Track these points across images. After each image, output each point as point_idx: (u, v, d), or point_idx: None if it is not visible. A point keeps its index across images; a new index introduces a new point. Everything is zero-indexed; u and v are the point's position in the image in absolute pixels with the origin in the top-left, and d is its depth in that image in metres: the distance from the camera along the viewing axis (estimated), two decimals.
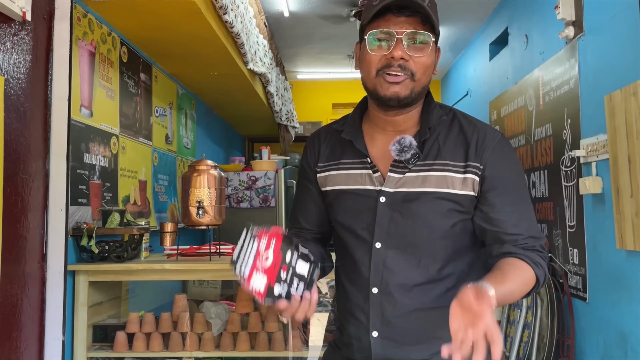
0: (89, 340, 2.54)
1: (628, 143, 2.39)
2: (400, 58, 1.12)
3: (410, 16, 1.12)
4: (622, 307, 2.60)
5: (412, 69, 1.14)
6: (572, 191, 3.14)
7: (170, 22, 2.87)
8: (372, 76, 1.15)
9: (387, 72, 1.13)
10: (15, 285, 1.78)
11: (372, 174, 1.20)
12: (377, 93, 1.15)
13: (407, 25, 1.12)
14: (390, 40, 1.13)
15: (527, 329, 3.36)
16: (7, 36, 1.75)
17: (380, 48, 1.14)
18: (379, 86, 1.15)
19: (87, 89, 2.69)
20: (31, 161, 1.88)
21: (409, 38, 1.12)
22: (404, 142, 1.14)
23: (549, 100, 3.49)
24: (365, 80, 1.18)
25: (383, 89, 1.14)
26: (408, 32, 1.12)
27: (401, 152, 1.14)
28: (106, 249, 2.52)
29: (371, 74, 1.15)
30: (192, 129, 4.59)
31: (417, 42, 1.13)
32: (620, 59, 2.58)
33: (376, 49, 1.14)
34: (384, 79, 1.14)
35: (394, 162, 1.18)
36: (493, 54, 4.96)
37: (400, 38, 1.12)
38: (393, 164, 1.18)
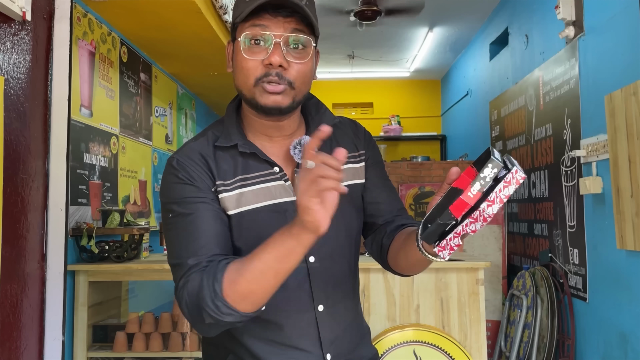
0: (89, 340, 2.54)
1: (628, 143, 2.39)
2: (278, 65, 1.00)
3: (287, 16, 1.01)
4: (622, 307, 2.60)
5: (290, 78, 1.02)
6: (573, 191, 3.13)
7: (170, 22, 2.87)
8: (250, 85, 1.03)
9: (267, 80, 1.01)
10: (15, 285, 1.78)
11: (284, 184, 1.07)
12: (257, 102, 1.03)
13: (285, 26, 1.01)
14: (268, 43, 1.01)
15: (527, 329, 3.36)
16: (7, 36, 1.75)
17: (256, 52, 1.01)
18: (259, 95, 1.03)
19: (87, 89, 2.69)
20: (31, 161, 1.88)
21: (287, 42, 1.01)
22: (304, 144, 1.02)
23: (549, 100, 3.49)
24: (241, 87, 1.05)
25: (263, 98, 1.02)
26: (287, 35, 1.01)
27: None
28: (106, 249, 2.52)
29: (249, 82, 1.03)
30: (192, 129, 4.59)
31: (296, 47, 1.02)
32: (620, 59, 2.58)
33: (251, 54, 1.02)
34: (264, 88, 1.02)
35: (297, 168, 1.08)
36: (493, 54, 4.96)
37: (279, 42, 1.00)
38: (297, 170, 1.08)
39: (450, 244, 0.83)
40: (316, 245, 1.05)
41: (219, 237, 1.01)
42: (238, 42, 1.03)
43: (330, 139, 1.13)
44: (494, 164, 0.76)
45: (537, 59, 3.74)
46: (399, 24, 5.21)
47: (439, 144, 7.36)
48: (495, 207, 0.77)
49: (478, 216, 0.78)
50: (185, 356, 2.57)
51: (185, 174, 1.04)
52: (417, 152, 7.07)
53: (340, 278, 1.12)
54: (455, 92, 6.64)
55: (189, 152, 1.08)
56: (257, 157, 1.08)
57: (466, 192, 0.78)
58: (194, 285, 0.94)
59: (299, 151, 1.06)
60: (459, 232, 0.81)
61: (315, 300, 1.07)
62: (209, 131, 1.13)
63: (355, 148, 1.18)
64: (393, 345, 2.48)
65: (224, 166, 1.07)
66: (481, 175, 0.77)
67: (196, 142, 1.11)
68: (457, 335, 2.60)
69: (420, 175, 5.04)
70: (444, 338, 2.50)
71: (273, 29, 1.00)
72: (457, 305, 2.62)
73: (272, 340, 1.06)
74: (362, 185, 1.17)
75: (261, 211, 1.06)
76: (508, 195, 0.77)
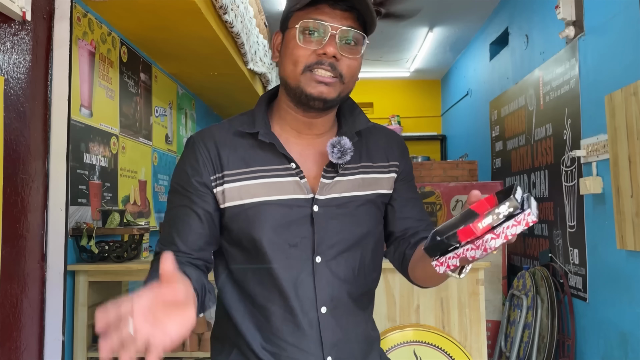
0: (89, 341, 2.54)
1: (628, 143, 2.39)
2: (332, 56, 1.01)
3: (345, 10, 1.02)
4: (623, 307, 2.60)
5: (342, 71, 1.03)
6: (573, 191, 3.13)
7: (170, 22, 2.87)
8: (298, 72, 1.02)
9: (317, 68, 1.02)
10: (15, 285, 1.78)
11: (299, 180, 1.07)
12: (302, 91, 1.03)
13: (342, 20, 1.01)
14: (323, 34, 1.01)
15: (528, 329, 3.36)
16: (7, 36, 1.75)
17: (311, 42, 1.02)
18: (305, 84, 1.02)
19: (87, 89, 2.69)
20: (31, 161, 1.88)
21: (343, 36, 1.02)
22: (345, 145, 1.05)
23: (549, 100, 3.49)
24: (288, 75, 1.05)
25: (310, 87, 1.02)
26: (344, 28, 1.01)
27: (342, 155, 1.05)
28: (106, 249, 2.52)
29: (297, 69, 1.02)
30: (192, 129, 4.59)
31: (350, 42, 1.03)
32: (620, 59, 2.58)
33: (306, 43, 1.02)
34: (312, 76, 1.02)
35: (326, 167, 1.08)
36: (493, 54, 4.96)
37: (335, 34, 1.01)
38: (325, 169, 1.08)
39: (448, 262, 0.85)
40: (324, 246, 1.07)
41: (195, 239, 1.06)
42: (291, 30, 1.04)
43: (362, 143, 1.14)
44: (512, 204, 0.78)
45: (537, 59, 3.74)
46: (399, 24, 5.21)
47: (439, 144, 7.36)
48: (498, 242, 0.79)
49: (480, 245, 0.80)
50: (185, 356, 2.57)
51: (193, 159, 1.08)
52: (417, 152, 7.07)
53: (348, 282, 1.10)
54: (455, 92, 6.64)
55: (207, 137, 1.10)
56: (275, 150, 1.07)
57: (476, 222, 0.79)
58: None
59: (337, 151, 1.05)
60: (458, 254, 0.83)
61: (319, 302, 1.06)
62: (236, 118, 1.14)
63: (386, 158, 1.17)
64: (393, 346, 2.47)
65: (239, 154, 1.08)
66: (496, 210, 0.79)
67: (218, 127, 1.12)
68: (457, 336, 2.60)
69: (420, 175, 5.04)
70: (444, 338, 2.50)
71: (330, 21, 1.01)
72: (457, 305, 2.62)
73: (273, 337, 1.06)
74: (388, 195, 1.16)
75: (267, 204, 1.05)
76: (515, 234, 0.78)
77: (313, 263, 1.07)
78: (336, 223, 1.08)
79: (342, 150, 1.05)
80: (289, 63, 1.04)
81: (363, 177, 1.12)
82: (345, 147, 1.05)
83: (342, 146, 1.05)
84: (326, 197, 1.08)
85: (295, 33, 1.03)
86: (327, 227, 1.07)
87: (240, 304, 1.09)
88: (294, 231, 1.06)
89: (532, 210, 0.78)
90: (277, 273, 1.05)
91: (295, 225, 1.06)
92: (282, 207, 1.06)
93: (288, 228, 1.06)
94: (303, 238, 1.06)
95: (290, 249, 1.06)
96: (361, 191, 1.11)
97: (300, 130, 1.11)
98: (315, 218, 1.06)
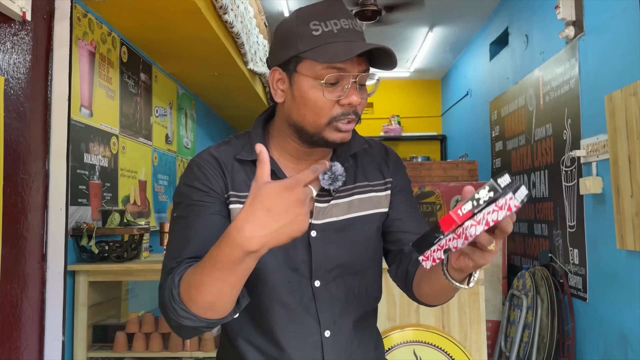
0: (89, 341, 2.54)
1: (628, 143, 2.39)
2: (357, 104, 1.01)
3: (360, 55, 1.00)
4: (622, 307, 2.60)
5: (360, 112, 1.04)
6: (573, 191, 3.13)
7: (170, 22, 2.87)
8: (322, 123, 1.01)
9: (343, 120, 1.01)
10: (15, 285, 1.78)
11: None
12: (322, 138, 1.03)
13: (358, 67, 1.00)
14: (345, 83, 1.00)
15: (527, 329, 3.36)
16: (7, 36, 1.75)
17: (333, 92, 1.00)
18: (328, 133, 1.02)
19: (87, 89, 2.69)
20: (31, 161, 1.88)
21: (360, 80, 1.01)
22: (336, 171, 1.03)
23: (549, 100, 3.49)
24: (308, 124, 1.02)
25: (332, 135, 1.02)
26: (362, 75, 1.01)
27: (333, 181, 1.04)
28: (106, 249, 2.52)
29: (321, 120, 1.01)
30: (192, 129, 4.59)
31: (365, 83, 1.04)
32: (620, 59, 2.58)
33: (329, 94, 1.00)
34: (336, 127, 1.01)
35: (320, 192, 1.07)
36: (493, 54, 4.96)
37: (355, 82, 1.00)
38: (319, 194, 1.07)
39: (433, 256, 0.83)
40: (322, 270, 1.07)
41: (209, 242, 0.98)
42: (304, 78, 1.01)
43: (356, 164, 1.14)
44: (491, 187, 0.75)
45: (537, 59, 3.74)
46: (399, 24, 5.21)
47: (439, 144, 7.36)
48: (479, 228, 0.76)
49: (461, 233, 0.78)
50: (185, 356, 2.57)
51: (202, 176, 1.05)
52: (417, 152, 7.07)
53: (350, 304, 1.09)
54: (455, 92, 6.64)
55: (209, 158, 1.08)
56: (275, 176, 1.06)
57: (456, 209, 0.77)
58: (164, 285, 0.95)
59: (328, 177, 1.04)
60: (442, 245, 0.82)
61: (322, 325, 1.07)
62: (232, 141, 1.13)
63: (382, 175, 1.16)
64: (393, 345, 2.47)
65: (240, 179, 1.07)
66: (475, 196, 0.76)
67: (218, 149, 1.11)
68: (457, 335, 2.60)
69: (420, 175, 5.04)
70: (444, 338, 2.50)
71: (350, 70, 1.00)
72: (457, 305, 2.62)
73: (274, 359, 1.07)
74: (385, 214, 1.15)
75: None
76: (496, 220, 0.75)
77: (312, 287, 1.07)
78: (334, 247, 1.08)
79: (334, 177, 1.04)
80: (309, 113, 1.02)
81: (360, 197, 1.12)
82: (336, 174, 1.04)
83: (332, 172, 1.04)
84: (323, 222, 1.08)
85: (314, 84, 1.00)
86: (325, 251, 1.07)
87: (244, 328, 1.09)
88: (293, 256, 1.06)
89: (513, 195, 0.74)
90: (279, 297, 1.06)
91: (293, 250, 1.06)
92: None
93: (287, 253, 1.06)
94: (302, 262, 1.07)
95: (291, 273, 1.06)
96: (359, 212, 1.11)
97: (300, 157, 1.10)
98: (312, 243, 1.07)
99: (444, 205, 4.22)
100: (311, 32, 1.00)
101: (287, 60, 1.03)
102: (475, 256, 0.82)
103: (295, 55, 1.01)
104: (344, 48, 0.97)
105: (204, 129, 5.00)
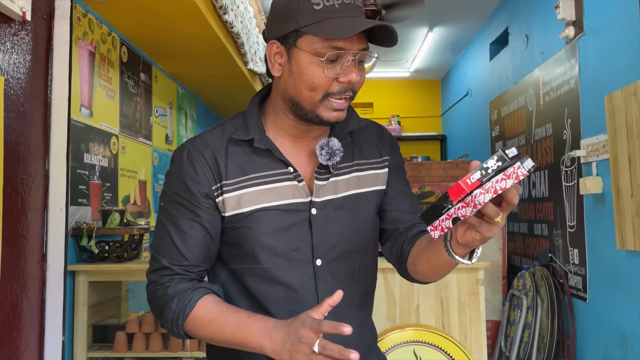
0: (89, 341, 2.54)
1: (628, 143, 2.39)
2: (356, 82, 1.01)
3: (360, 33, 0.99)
4: (622, 307, 2.60)
5: (357, 89, 1.03)
6: (573, 191, 3.13)
7: (170, 22, 2.87)
8: (317, 99, 1.00)
9: (337, 97, 1.01)
10: (15, 285, 1.78)
11: (297, 184, 1.06)
12: (316, 115, 1.02)
13: (358, 44, 0.99)
14: (344, 61, 0.99)
15: (527, 329, 3.36)
16: (7, 36, 1.75)
17: (332, 69, 0.99)
18: (322, 110, 1.01)
19: (87, 89, 2.69)
20: (31, 161, 1.88)
21: (359, 57, 1.01)
22: (333, 146, 1.04)
23: (549, 100, 3.49)
24: (303, 99, 1.01)
25: (326, 113, 1.01)
26: (361, 52, 1.00)
27: (331, 157, 1.04)
28: (106, 249, 2.52)
29: (317, 96, 1.00)
30: (192, 129, 4.59)
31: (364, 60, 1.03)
32: (620, 59, 2.58)
33: (329, 71, 0.99)
34: (330, 104, 1.01)
35: (318, 169, 1.07)
36: (493, 54, 4.96)
37: (355, 60, 1.00)
38: (317, 171, 1.07)
39: (441, 225, 0.85)
40: (324, 249, 1.07)
41: (195, 249, 1.05)
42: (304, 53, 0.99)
43: (353, 141, 1.14)
44: (499, 157, 0.77)
45: (537, 59, 3.74)
46: (399, 24, 5.20)
47: (439, 144, 7.36)
48: (487, 196, 0.78)
49: (470, 201, 0.79)
50: (185, 356, 2.57)
51: (190, 168, 1.04)
52: (417, 152, 7.07)
53: (348, 283, 1.09)
54: (455, 92, 6.64)
55: (202, 146, 1.06)
56: (272, 155, 1.06)
57: (465, 178, 0.79)
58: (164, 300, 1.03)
59: (326, 152, 1.05)
60: (450, 214, 0.83)
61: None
62: (227, 122, 1.10)
63: (379, 154, 1.16)
64: (393, 345, 2.47)
65: (235, 162, 1.05)
66: (484, 165, 0.78)
67: (211, 135, 1.08)
68: (457, 335, 2.60)
69: (420, 175, 5.04)
70: (444, 338, 2.50)
71: (348, 47, 0.98)
72: (457, 305, 2.62)
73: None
74: (383, 192, 1.15)
75: (267, 211, 1.05)
76: (504, 188, 0.77)
77: (314, 266, 1.06)
78: (335, 225, 1.07)
79: (331, 152, 1.04)
80: (304, 88, 1.00)
81: (358, 174, 1.11)
82: (333, 149, 1.04)
83: (330, 148, 1.04)
84: (323, 199, 1.07)
85: (313, 59, 0.99)
86: (326, 229, 1.07)
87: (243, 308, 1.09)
88: (294, 235, 1.05)
89: (521, 164, 0.76)
90: (279, 277, 1.05)
91: (294, 229, 1.05)
92: (281, 212, 1.05)
93: (287, 232, 1.05)
94: (303, 242, 1.06)
95: (291, 252, 1.05)
96: (358, 189, 1.11)
97: (297, 135, 1.09)
98: (313, 221, 1.06)
99: None
100: (312, 5, 0.97)
101: (287, 34, 1.01)
102: (483, 228, 0.83)
103: (296, 30, 0.99)
104: (347, 24, 0.96)
105: (204, 128, 4.98)
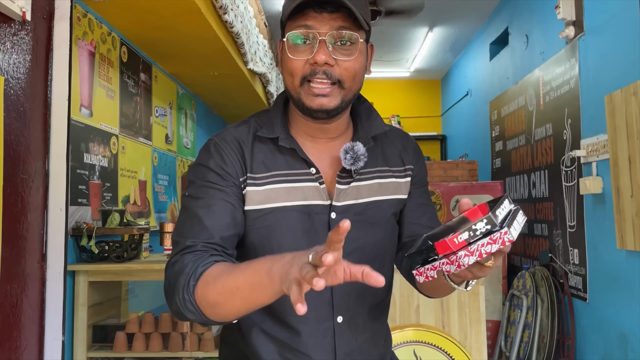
0: (89, 341, 2.54)
1: (628, 143, 2.39)
2: (324, 63, 0.98)
3: (333, 12, 0.97)
4: (622, 307, 2.60)
5: (339, 76, 1.00)
6: (573, 191, 3.13)
7: (170, 22, 2.87)
8: (296, 84, 1.00)
9: (313, 80, 0.99)
10: (15, 285, 1.78)
11: (318, 186, 1.05)
12: (303, 103, 1.01)
13: (331, 23, 0.97)
14: (313, 41, 0.98)
15: (528, 329, 3.36)
16: (7, 36, 1.75)
17: (302, 52, 0.99)
18: (304, 97, 1.00)
19: (87, 89, 2.69)
20: (31, 161, 1.88)
21: (333, 39, 0.98)
22: (357, 151, 1.03)
23: (549, 100, 3.49)
24: (289, 87, 1.03)
25: (308, 100, 1.00)
26: (332, 32, 0.97)
27: (355, 161, 1.03)
28: (106, 249, 2.52)
29: (295, 81, 1.00)
30: (192, 129, 4.59)
31: (343, 43, 0.99)
32: (620, 59, 2.58)
33: (297, 53, 0.99)
34: (309, 89, 0.99)
35: (340, 173, 1.05)
36: (493, 54, 4.96)
37: (324, 40, 0.97)
38: (339, 175, 1.05)
39: (426, 273, 0.85)
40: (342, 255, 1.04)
41: (223, 227, 0.99)
42: (284, 41, 1.02)
43: (377, 147, 1.12)
44: (488, 221, 0.77)
45: (537, 59, 3.74)
46: (399, 24, 5.21)
47: (439, 144, 7.36)
48: (472, 259, 0.77)
49: (454, 260, 0.79)
50: (185, 356, 2.57)
51: (218, 158, 1.03)
52: None
53: (365, 291, 1.07)
54: (455, 92, 6.64)
55: (228, 137, 1.06)
56: (296, 154, 1.05)
57: (453, 237, 0.78)
58: (180, 267, 0.93)
59: (350, 157, 1.03)
60: (435, 266, 0.83)
61: (335, 311, 1.05)
62: (253, 119, 1.10)
63: (402, 162, 1.14)
64: (393, 346, 2.47)
65: (259, 158, 1.05)
66: (473, 227, 0.78)
67: (237, 129, 1.08)
68: (457, 335, 2.60)
69: None
70: (444, 338, 2.50)
71: (317, 27, 0.98)
72: (457, 305, 2.62)
73: (285, 346, 1.04)
74: (403, 201, 1.14)
75: (288, 210, 1.03)
76: (489, 252, 0.76)
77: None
78: (354, 230, 1.03)
79: (355, 157, 1.03)
80: (287, 75, 1.02)
81: (380, 181, 1.10)
82: (358, 153, 1.03)
83: (355, 152, 1.03)
84: (343, 204, 1.06)
85: (288, 44, 1.00)
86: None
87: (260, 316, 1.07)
88: (312, 238, 1.04)
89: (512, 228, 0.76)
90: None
91: (313, 232, 1.04)
92: (301, 213, 1.04)
93: (307, 235, 1.04)
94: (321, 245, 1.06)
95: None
96: (379, 196, 1.09)
97: (314, 134, 1.08)
98: (332, 225, 1.04)
99: (444, 205, 4.22)
100: None
101: (282, 30, 1.05)
102: (475, 269, 0.83)
103: (281, 22, 1.04)
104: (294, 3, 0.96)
105: (204, 129, 5.00)
